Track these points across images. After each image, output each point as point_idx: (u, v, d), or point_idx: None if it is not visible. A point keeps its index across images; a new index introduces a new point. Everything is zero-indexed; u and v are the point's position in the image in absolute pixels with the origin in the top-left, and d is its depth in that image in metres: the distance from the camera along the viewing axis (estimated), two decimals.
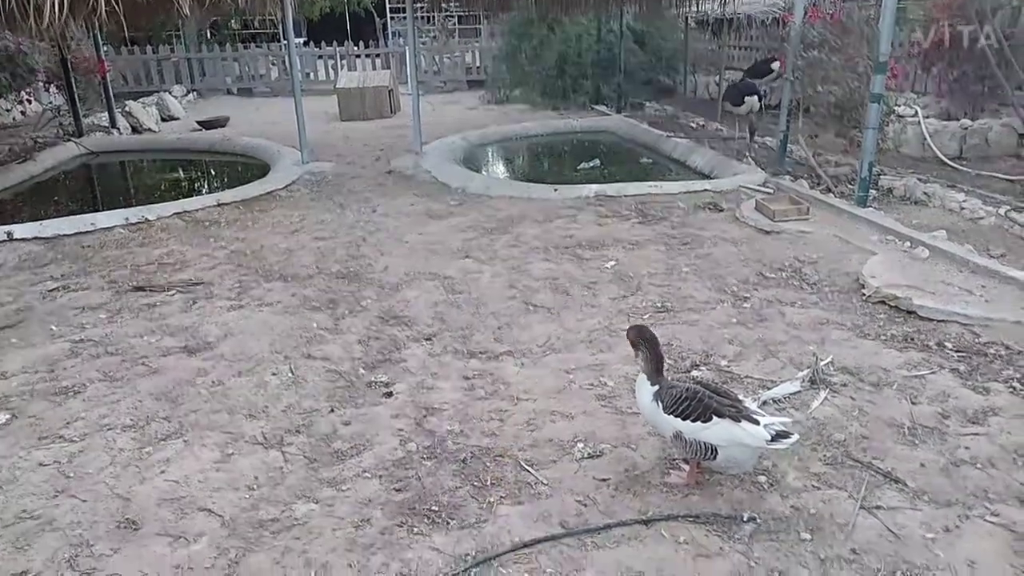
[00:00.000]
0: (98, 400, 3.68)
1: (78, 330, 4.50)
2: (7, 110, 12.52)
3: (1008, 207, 5.97)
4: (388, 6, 23.36)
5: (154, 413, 3.56)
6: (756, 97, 9.24)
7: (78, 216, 6.74)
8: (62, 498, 2.95)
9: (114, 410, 3.58)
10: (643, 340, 2.88)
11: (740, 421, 2.72)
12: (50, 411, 3.59)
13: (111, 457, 3.21)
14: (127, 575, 2.54)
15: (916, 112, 8.11)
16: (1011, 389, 3.55)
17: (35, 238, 6.21)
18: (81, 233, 6.38)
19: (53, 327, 4.54)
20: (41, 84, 12.84)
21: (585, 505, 2.85)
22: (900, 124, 8.05)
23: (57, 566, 2.59)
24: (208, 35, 19.09)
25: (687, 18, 13.22)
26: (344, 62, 17.24)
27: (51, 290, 5.13)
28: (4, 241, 6.13)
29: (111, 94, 11.87)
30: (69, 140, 10.71)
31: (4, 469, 3.13)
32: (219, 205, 7.25)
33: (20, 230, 6.29)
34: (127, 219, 6.70)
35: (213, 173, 10.53)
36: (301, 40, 21.66)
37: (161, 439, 3.34)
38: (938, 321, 4.27)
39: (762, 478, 2.96)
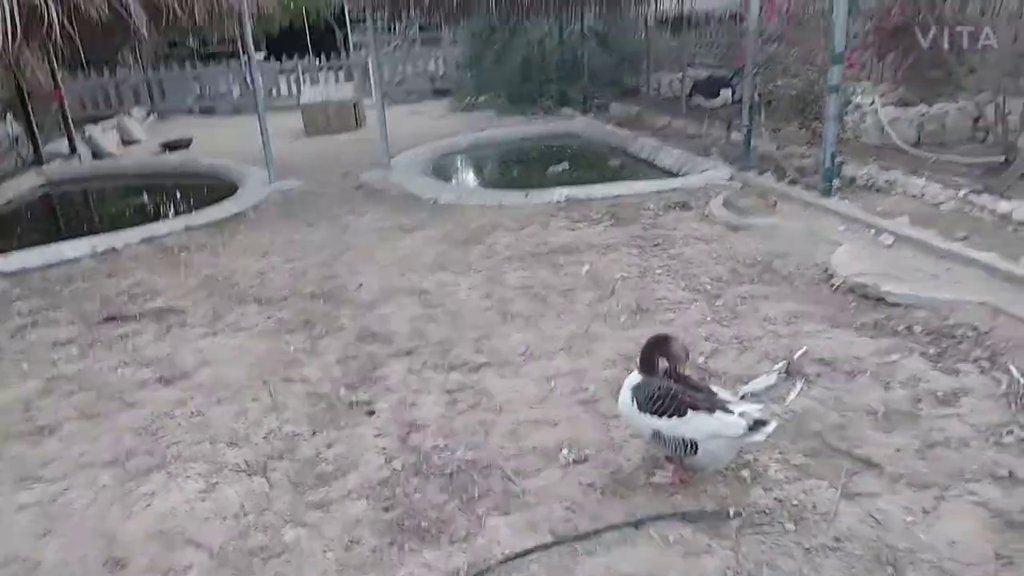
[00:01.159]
0: (76, 438, 3.63)
1: (50, 367, 4.43)
2: None
3: (967, 190, 6.12)
4: (348, 18, 23.22)
5: (135, 447, 3.51)
6: (730, 90, 9.48)
7: (43, 247, 6.62)
8: (48, 539, 2.91)
9: (93, 447, 3.53)
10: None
11: (713, 412, 2.76)
12: (29, 451, 3.53)
13: (94, 494, 3.17)
14: None
15: (873, 101, 8.28)
16: (980, 369, 3.64)
17: None
18: (48, 266, 6.26)
19: (25, 365, 4.46)
20: None
21: (573, 511, 2.87)
22: (859, 113, 8.22)
23: None
24: (166, 55, 18.82)
25: (647, 17, 13.36)
26: (306, 76, 17.12)
27: (20, 327, 5.04)
28: None
29: (69, 120, 11.64)
30: (29, 170, 10.50)
31: None
32: (187, 229, 7.16)
33: None
34: (95, 247, 6.59)
35: (179, 196, 10.40)
36: (262, 55, 21.45)
37: (143, 473, 3.30)
38: (907, 306, 4.36)
39: (745, 472, 3.01)
